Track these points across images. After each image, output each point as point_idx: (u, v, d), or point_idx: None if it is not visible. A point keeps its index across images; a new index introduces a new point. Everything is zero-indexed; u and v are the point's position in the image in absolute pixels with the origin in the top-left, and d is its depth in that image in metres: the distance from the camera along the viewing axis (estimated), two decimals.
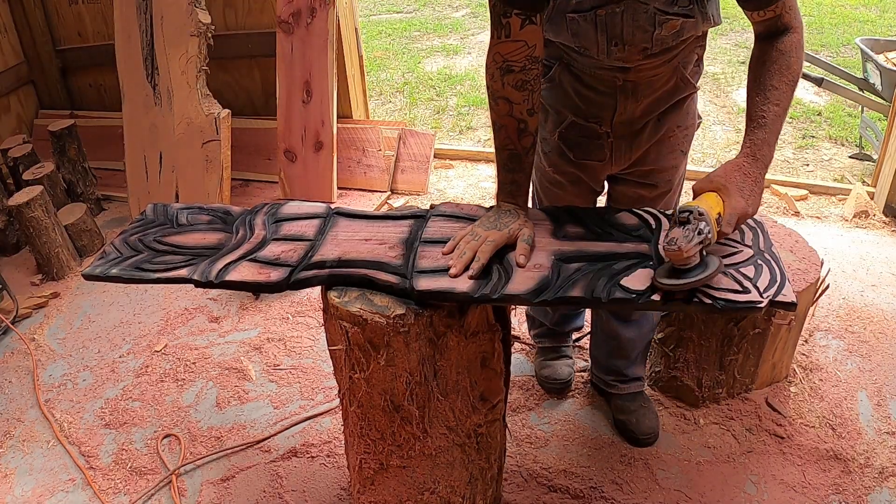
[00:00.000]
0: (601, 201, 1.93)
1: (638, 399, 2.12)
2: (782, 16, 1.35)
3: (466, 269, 1.36)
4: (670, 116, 1.66)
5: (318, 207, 1.69)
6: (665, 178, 1.74)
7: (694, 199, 1.34)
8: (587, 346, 2.37)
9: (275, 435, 2.20)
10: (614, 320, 1.98)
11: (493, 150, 1.79)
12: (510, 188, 1.49)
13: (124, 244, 1.62)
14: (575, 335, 2.41)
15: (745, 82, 1.40)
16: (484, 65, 1.47)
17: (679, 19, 1.41)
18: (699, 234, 1.24)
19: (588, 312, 2.40)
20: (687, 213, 1.26)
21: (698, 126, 1.79)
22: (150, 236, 1.64)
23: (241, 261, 1.50)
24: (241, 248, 1.55)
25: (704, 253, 1.27)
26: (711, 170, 3.64)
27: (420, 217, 1.58)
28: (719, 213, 1.30)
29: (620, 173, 1.77)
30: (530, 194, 1.58)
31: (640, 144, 1.68)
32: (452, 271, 1.35)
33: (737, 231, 1.48)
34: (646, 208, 1.56)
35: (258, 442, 2.18)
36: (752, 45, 1.45)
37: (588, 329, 2.39)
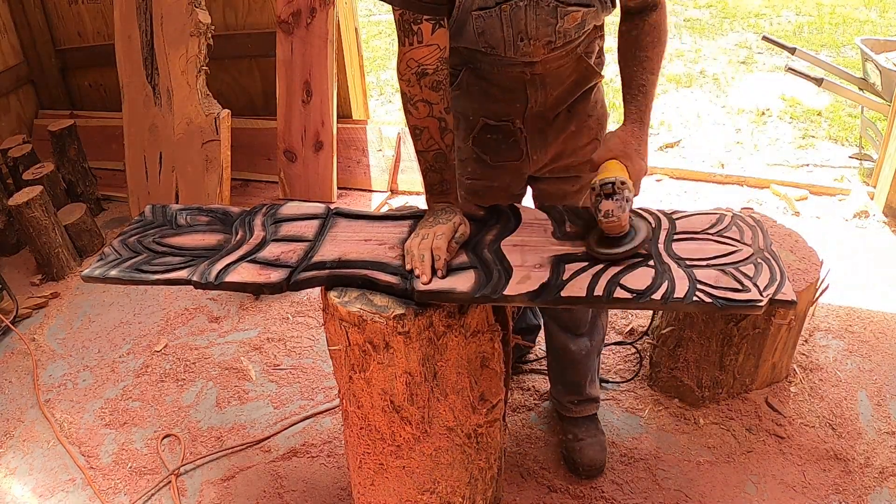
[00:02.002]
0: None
1: (590, 426, 2.03)
2: None
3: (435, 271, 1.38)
4: (579, 106, 1.68)
5: (318, 208, 1.69)
6: (586, 168, 1.68)
7: (596, 168, 1.42)
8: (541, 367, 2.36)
9: (275, 435, 2.20)
10: (563, 333, 1.94)
11: None
12: (440, 187, 1.51)
13: (123, 246, 1.62)
14: (528, 357, 2.39)
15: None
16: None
17: (580, 10, 1.44)
18: (627, 201, 1.35)
19: (542, 332, 2.33)
20: (610, 185, 1.34)
21: (608, 118, 1.82)
22: (149, 237, 1.64)
23: (241, 262, 1.50)
24: (241, 249, 1.55)
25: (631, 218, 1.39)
26: (713, 171, 3.63)
27: (420, 217, 1.58)
28: (625, 178, 1.38)
29: (541, 173, 1.77)
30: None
31: (554, 137, 1.69)
32: (423, 279, 1.36)
33: (736, 230, 1.48)
34: (646, 208, 1.56)
35: (258, 442, 2.19)
36: (619, 21, 1.54)
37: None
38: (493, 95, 1.64)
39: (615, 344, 2.44)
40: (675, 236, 1.47)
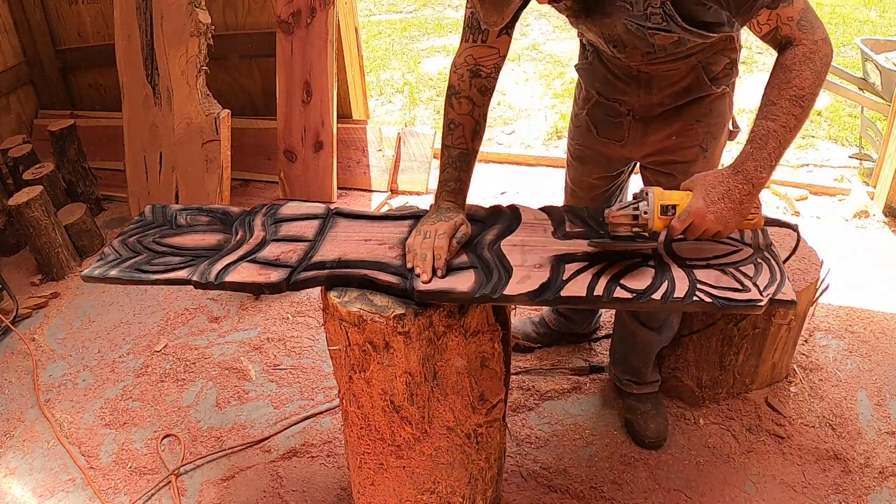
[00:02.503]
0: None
1: (650, 401, 2.12)
2: (780, 28, 1.28)
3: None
4: (690, 110, 1.69)
5: (318, 208, 1.69)
6: (681, 170, 1.72)
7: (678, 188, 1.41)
8: (599, 346, 2.39)
9: (275, 435, 2.20)
10: (634, 322, 2.00)
11: (493, 150, 1.80)
12: (454, 185, 1.52)
13: (123, 245, 1.62)
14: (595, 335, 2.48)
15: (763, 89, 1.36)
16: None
17: (673, 34, 1.45)
18: (634, 209, 1.35)
19: (611, 312, 2.46)
20: (641, 192, 1.37)
21: (734, 137, 1.79)
22: (148, 237, 1.64)
23: (241, 262, 1.50)
24: (241, 248, 1.55)
25: (635, 232, 1.38)
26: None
27: (420, 217, 1.58)
28: (675, 206, 1.34)
29: (645, 161, 1.84)
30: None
31: (655, 131, 1.74)
32: (424, 277, 1.36)
33: (736, 230, 1.48)
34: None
35: (258, 442, 2.19)
36: None
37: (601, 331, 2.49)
38: (608, 80, 1.73)
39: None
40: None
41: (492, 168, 3.72)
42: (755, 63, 5.21)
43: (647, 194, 1.36)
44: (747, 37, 5.71)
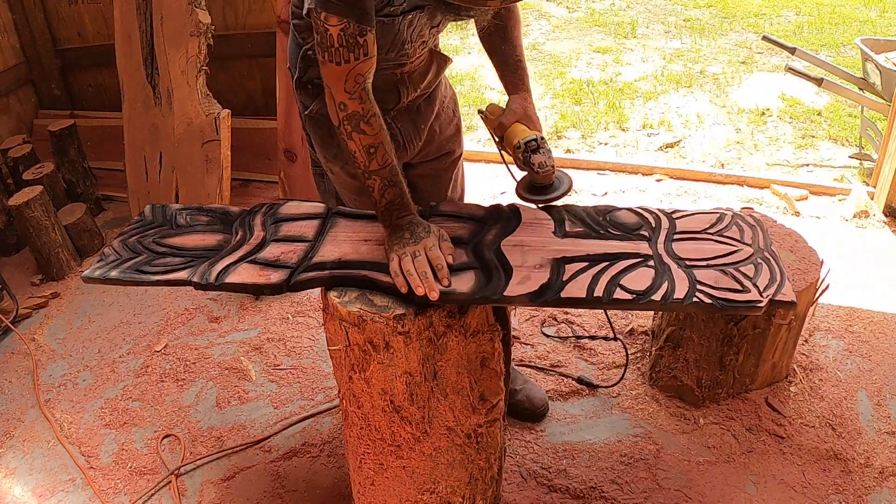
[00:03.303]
0: None
1: (517, 377, 2.19)
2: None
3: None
4: (434, 91, 1.80)
5: (318, 207, 1.69)
6: (455, 141, 1.92)
7: (504, 132, 1.63)
8: (600, 346, 2.36)
9: (275, 435, 2.20)
10: None
11: (492, 150, 1.82)
12: (401, 200, 1.44)
13: (123, 246, 1.62)
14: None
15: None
16: (478, 60, 1.65)
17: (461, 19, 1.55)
18: (548, 152, 1.54)
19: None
20: (534, 141, 1.54)
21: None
22: (148, 238, 1.64)
23: (241, 262, 1.50)
24: (241, 249, 1.55)
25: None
26: (713, 170, 3.64)
27: (421, 215, 1.57)
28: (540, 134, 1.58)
29: (415, 159, 1.86)
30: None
31: (423, 123, 1.79)
32: (433, 296, 1.32)
33: (736, 230, 1.48)
34: (646, 207, 1.56)
35: (258, 442, 2.19)
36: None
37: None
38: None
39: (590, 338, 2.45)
40: (675, 236, 1.47)
41: (492, 168, 3.73)
42: (755, 63, 5.21)
43: (538, 139, 1.54)
44: (747, 37, 5.72)
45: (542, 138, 1.55)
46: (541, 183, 1.57)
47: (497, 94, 4.91)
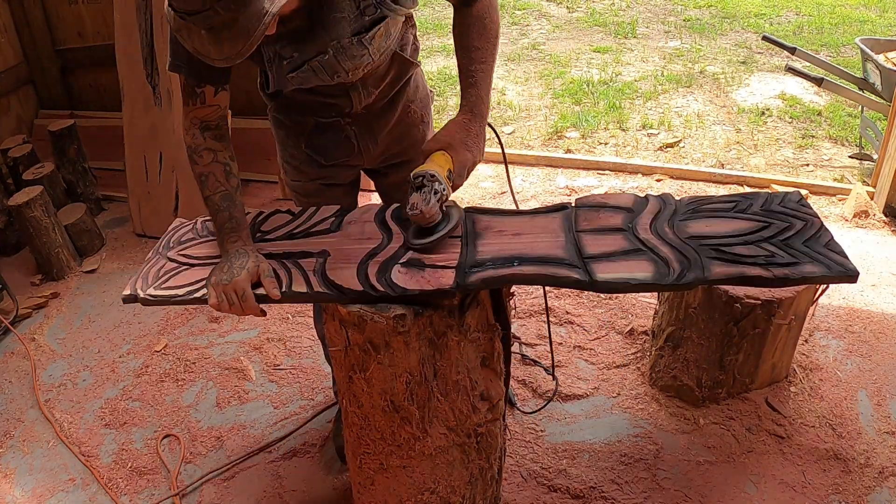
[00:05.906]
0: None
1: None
2: None
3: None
4: (401, 95, 1.74)
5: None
6: (418, 150, 1.74)
7: (425, 160, 1.44)
8: (600, 346, 2.36)
9: (280, 440, 2.20)
10: None
11: (492, 150, 1.80)
12: (230, 225, 1.51)
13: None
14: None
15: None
16: None
17: (380, 27, 1.46)
18: (435, 193, 1.38)
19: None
20: (421, 178, 1.38)
21: (432, 98, 1.88)
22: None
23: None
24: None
25: (444, 208, 1.43)
26: (713, 170, 3.63)
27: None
28: (449, 170, 1.41)
29: (378, 165, 1.84)
30: None
31: (381, 128, 1.75)
32: (238, 312, 1.42)
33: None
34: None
35: (261, 449, 2.18)
36: (454, 15, 1.54)
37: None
38: (317, 104, 1.68)
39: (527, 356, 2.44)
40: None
41: (492, 168, 3.73)
42: (755, 63, 5.21)
43: (427, 176, 1.38)
44: (747, 37, 5.72)
45: (434, 175, 1.38)
46: (419, 224, 1.42)
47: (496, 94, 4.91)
